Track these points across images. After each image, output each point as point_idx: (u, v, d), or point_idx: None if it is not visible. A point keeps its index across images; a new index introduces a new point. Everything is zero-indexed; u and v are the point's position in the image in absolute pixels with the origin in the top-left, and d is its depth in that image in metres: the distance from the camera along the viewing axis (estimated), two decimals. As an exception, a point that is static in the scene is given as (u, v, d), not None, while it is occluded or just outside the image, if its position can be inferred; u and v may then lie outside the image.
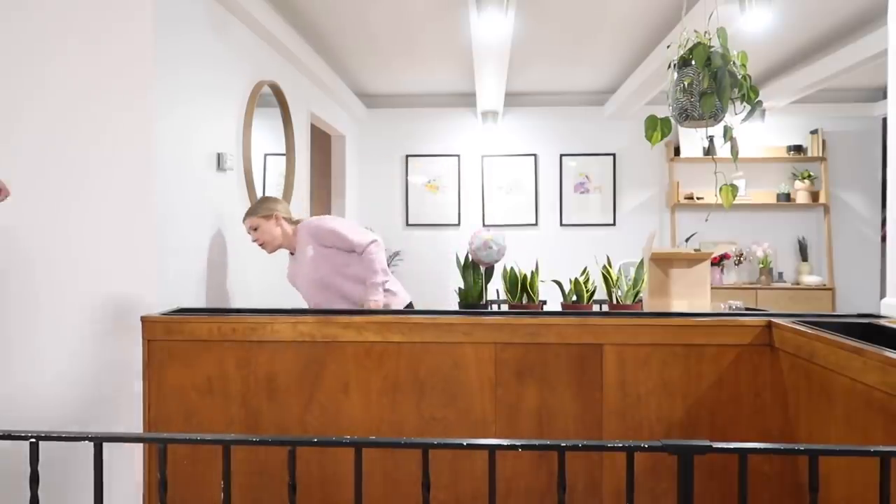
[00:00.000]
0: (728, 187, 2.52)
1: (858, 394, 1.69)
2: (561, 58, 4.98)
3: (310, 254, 2.87)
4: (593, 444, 1.17)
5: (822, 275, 6.05)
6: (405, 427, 2.32)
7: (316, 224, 2.90)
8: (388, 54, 4.83)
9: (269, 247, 2.93)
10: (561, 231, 6.28)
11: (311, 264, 2.87)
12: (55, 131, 2.48)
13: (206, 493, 2.36)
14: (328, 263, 2.87)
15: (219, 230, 3.09)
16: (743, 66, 2.46)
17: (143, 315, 2.40)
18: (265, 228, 2.89)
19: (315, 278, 2.88)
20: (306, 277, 2.90)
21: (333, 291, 2.89)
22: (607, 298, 3.18)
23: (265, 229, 2.89)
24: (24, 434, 1.19)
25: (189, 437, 1.22)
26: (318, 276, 2.87)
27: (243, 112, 3.37)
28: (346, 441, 1.18)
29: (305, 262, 2.89)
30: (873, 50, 4.11)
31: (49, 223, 2.47)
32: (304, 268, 2.90)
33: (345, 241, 2.85)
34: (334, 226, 2.87)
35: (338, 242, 2.86)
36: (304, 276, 2.91)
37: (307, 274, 2.89)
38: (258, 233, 2.90)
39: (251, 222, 2.90)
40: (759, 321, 2.27)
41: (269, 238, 2.90)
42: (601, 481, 2.29)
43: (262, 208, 2.91)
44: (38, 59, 2.48)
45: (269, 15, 3.58)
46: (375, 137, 6.37)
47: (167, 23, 2.58)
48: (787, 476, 2.19)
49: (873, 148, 6.05)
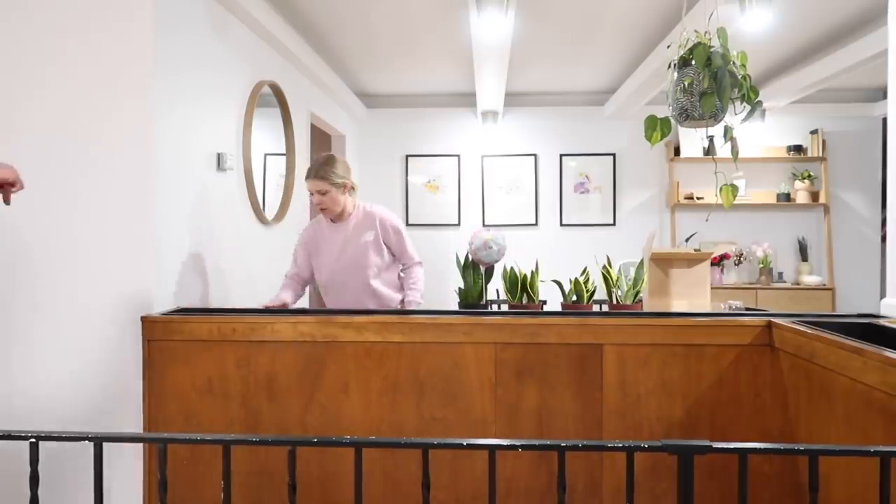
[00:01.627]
0: (728, 187, 2.52)
1: (858, 394, 1.69)
2: (561, 58, 4.98)
3: (367, 238, 2.91)
4: (593, 444, 1.17)
5: (822, 275, 6.05)
6: (405, 427, 2.32)
7: (390, 217, 2.97)
8: (389, 54, 4.83)
9: (330, 213, 2.92)
10: (561, 231, 6.27)
11: (361, 247, 2.90)
12: (55, 131, 2.47)
13: (206, 493, 2.36)
14: (378, 256, 2.92)
15: (219, 230, 3.09)
16: (743, 66, 2.46)
17: (143, 315, 2.41)
18: (334, 196, 2.86)
19: (359, 262, 2.90)
20: (347, 255, 2.91)
21: (363, 280, 2.92)
22: (607, 298, 3.18)
23: (334, 196, 2.86)
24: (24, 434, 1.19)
25: (189, 437, 1.22)
26: (363, 261, 2.90)
27: (243, 112, 3.37)
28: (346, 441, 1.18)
29: (355, 242, 2.91)
30: (873, 50, 4.11)
31: (49, 223, 2.47)
32: (350, 246, 2.91)
33: (403, 247, 2.98)
34: (402, 229, 2.99)
35: (395, 245, 2.96)
36: (343, 251, 2.92)
37: (351, 253, 2.91)
38: (325, 198, 2.85)
39: (321, 186, 2.84)
40: (759, 321, 2.27)
41: (333, 206, 2.88)
42: (601, 481, 2.30)
43: (336, 176, 2.85)
44: (38, 59, 2.48)
45: (269, 15, 3.58)
46: (375, 137, 6.37)
47: (167, 23, 2.58)
48: (787, 476, 2.19)
49: (873, 148, 6.05)
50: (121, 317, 2.42)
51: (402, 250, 2.99)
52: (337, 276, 2.95)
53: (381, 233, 2.93)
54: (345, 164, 2.94)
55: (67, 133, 2.47)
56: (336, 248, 2.95)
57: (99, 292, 2.45)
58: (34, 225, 2.47)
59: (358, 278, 2.92)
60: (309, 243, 3.02)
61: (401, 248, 2.98)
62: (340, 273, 2.93)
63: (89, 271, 2.46)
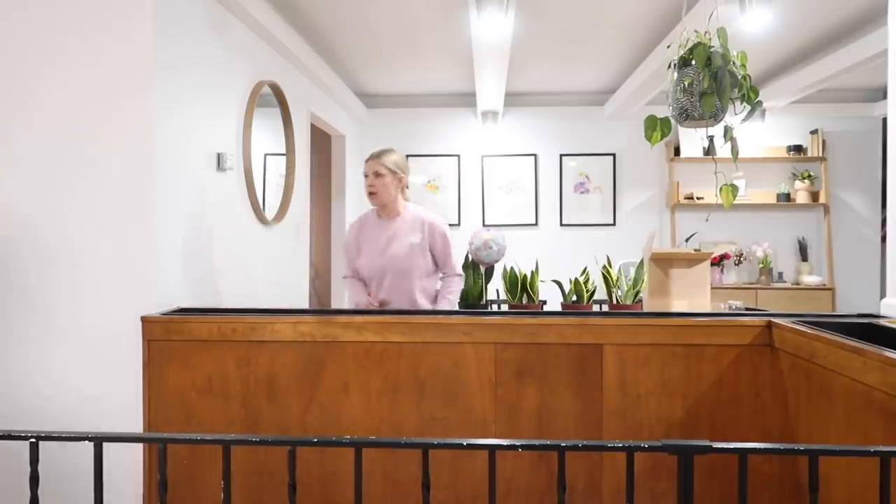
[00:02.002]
0: (728, 187, 2.52)
1: (858, 394, 1.69)
2: (561, 58, 4.98)
3: (414, 240, 2.90)
4: (593, 444, 1.17)
5: (822, 275, 6.05)
6: (405, 427, 2.32)
7: (439, 223, 2.96)
8: (389, 54, 4.83)
9: (378, 199, 2.92)
10: (561, 231, 6.27)
11: (408, 248, 2.89)
12: (55, 131, 2.48)
13: (206, 493, 2.36)
14: (423, 259, 2.91)
15: (219, 230, 3.09)
16: (743, 66, 2.46)
17: (143, 315, 2.40)
18: (387, 182, 2.88)
19: (405, 262, 2.88)
20: (390, 252, 2.89)
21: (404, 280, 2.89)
22: (607, 298, 3.18)
23: (387, 183, 2.88)
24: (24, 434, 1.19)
25: (189, 437, 1.22)
26: (409, 262, 2.88)
27: (243, 112, 3.37)
28: (346, 441, 1.18)
29: (401, 242, 2.90)
30: (873, 50, 4.11)
31: (49, 223, 2.47)
32: (395, 243, 2.90)
33: (446, 255, 2.96)
34: (449, 237, 2.98)
35: (440, 251, 2.94)
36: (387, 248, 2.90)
37: (394, 251, 2.89)
38: (379, 181, 2.87)
39: (378, 168, 2.87)
40: (759, 321, 2.27)
41: (384, 193, 2.90)
42: (601, 481, 2.30)
43: (393, 164, 2.89)
44: (38, 59, 2.48)
45: (269, 15, 3.58)
46: (375, 137, 6.36)
47: (167, 23, 2.58)
48: (787, 476, 2.19)
49: (873, 148, 6.05)
50: (121, 317, 2.42)
51: (445, 258, 2.96)
52: (376, 273, 2.91)
53: (428, 237, 2.92)
54: (405, 160, 2.99)
55: (67, 133, 2.47)
56: (380, 245, 2.93)
57: (99, 292, 2.45)
58: (34, 225, 2.48)
59: (399, 277, 2.89)
60: (356, 238, 3.01)
61: (445, 255, 2.95)
62: (380, 270, 2.90)
63: (89, 271, 2.46)
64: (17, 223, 2.48)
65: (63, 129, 2.47)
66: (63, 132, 2.47)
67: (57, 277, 2.46)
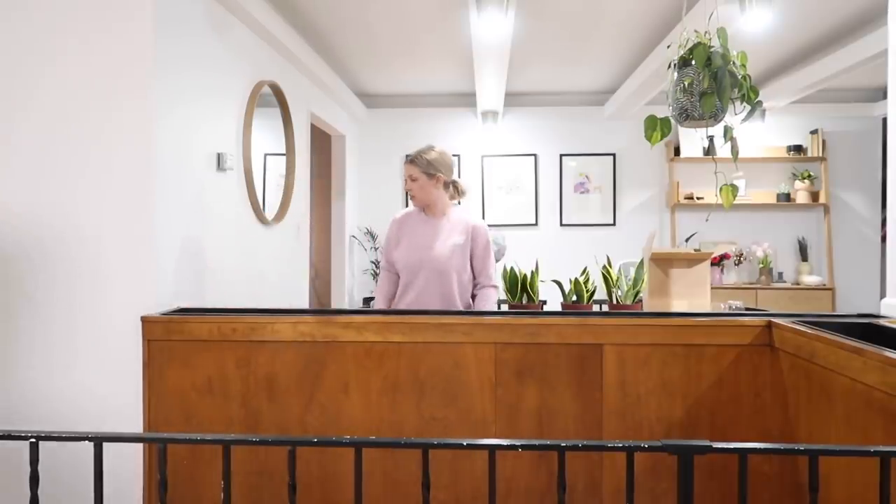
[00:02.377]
0: (728, 187, 2.52)
1: (858, 394, 1.69)
2: (561, 58, 4.98)
3: (457, 241, 2.83)
4: (593, 444, 1.17)
5: (822, 275, 6.05)
6: (405, 427, 2.32)
7: (483, 228, 2.90)
8: (389, 54, 4.83)
9: (419, 201, 2.89)
10: (561, 231, 6.28)
11: (450, 248, 2.82)
12: (55, 131, 2.48)
13: (206, 493, 2.36)
14: (463, 262, 2.84)
15: (219, 230, 3.09)
16: (743, 66, 2.46)
17: (143, 315, 2.40)
18: (423, 184, 2.84)
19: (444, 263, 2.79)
20: (430, 250, 2.82)
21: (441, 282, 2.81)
22: (607, 298, 3.18)
23: (423, 185, 2.84)
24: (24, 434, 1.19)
25: (189, 437, 1.22)
26: (448, 263, 2.80)
27: (243, 112, 3.37)
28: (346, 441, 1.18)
29: (445, 241, 2.84)
30: (873, 50, 4.11)
31: (49, 223, 2.47)
32: (439, 244, 2.83)
33: (485, 262, 2.88)
34: (491, 244, 2.92)
35: (479, 257, 2.87)
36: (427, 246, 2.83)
37: (439, 251, 2.81)
38: (414, 185, 2.84)
39: (411, 171, 2.84)
40: (759, 321, 2.27)
41: (423, 195, 2.86)
42: (601, 481, 2.30)
43: (428, 165, 2.83)
44: (37, 59, 2.48)
45: (269, 15, 3.58)
46: (375, 137, 6.37)
47: (167, 23, 2.58)
48: (787, 476, 2.19)
49: (873, 148, 6.05)
50: (121, 317, 2.42)
51: (483, 265, 2.88)
52: (412, 268, 2.84)
53: (470, 239, 2.85)
54: (444, 157, 2.88)
55: (67, 133, 2.47)
56: (421, 241, 2.85)
57: (99, 292, 2.45)
58: (34, 225, 2.47)
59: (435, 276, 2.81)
60: (397, 231, 2.94)
61: (484, 261, 2.87)
62: (416, 266, 2.82)
63: (89, 271, 2.46)
64: (17, 223, 2.48)
65: (63, 129, 2.47)
66: (63, 132, 2.47)
67: (57, 277, 2.46)
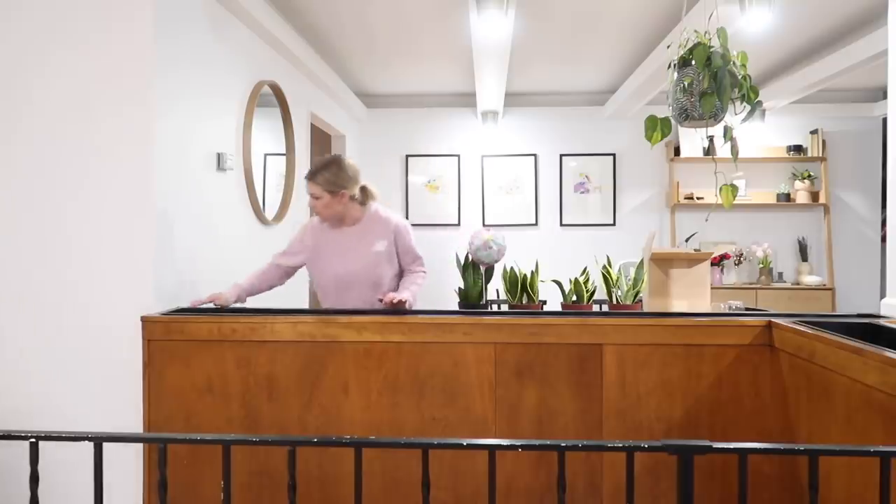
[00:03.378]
0: (728, 187, 2.52)
1: (858, 394, 1.69)
2: (561, 58, 4.98)
3: (378, 247, 2.77)
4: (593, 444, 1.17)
5: (822, 275, 6.05)
6: (405, 427, 2.32)
7: (403, 225, 2.83)
8: (389, 54, 4.83)
9: (326, 218, 2.78)
10: (561, 231, 6.27)
11: (373, 257, 2.75)
12: (55, 131, 2.48)
13: (206, 493, 2.36)
14: (390, 266, 2.79)
15: (219, 230, 3.09)
16: (743, 66, 2.46)
17: (143, 315, 2.40)
18: (327, 202, 2.70)
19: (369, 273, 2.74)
20: (354, 263, 2.75)
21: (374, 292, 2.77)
22: (607, 298, 3.17)
23: (327, 203, 2.70)
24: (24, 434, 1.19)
25: (189, 437, 1.22)
26: (377, 273, 2.75)
27: (243, 112, 3.37)
28: (346, 441, 1.18)
29: (363, 251, 2.76)
30: (873, 50, 4.11)
31: (48, 223, 2.47)
32: (357, 255, 2.75)
33: (413, 255, 2.83)
34: (411, 236, 2.85)
35: (405, 253, 2.82)
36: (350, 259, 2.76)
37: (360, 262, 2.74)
38: (318, 203, 2.71)
39: (314, 189, 2.69)
40: (759, 321, 2.27)
41: (328, 213, 2.73)
42: (601, 481, 2.29)
43: (329, 183, 2.68)
44: (38, 59, 2.48)
45: (269, 15, 3.58)
46: (375, 137, 6.37)
47: (167, 23, 2.58)
48: (787, 476, 2.19)
49: (873, 148, 6.05)
50: (121, 317, 2.42)
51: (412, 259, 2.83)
52: (341, 282, 2.79)
53: (393, 240, 2.79)
54: (347, 170, 2.73)
55: (67, 133, 2.47)
56: (340, 254, 2.78)
57: (99, 292, 2.45)
58: (34, 225, 2.48)
59: (366, 288, 2.78)
60: (310, 239, 2.83)
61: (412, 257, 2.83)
62: (345, 278, 2.78)
63: (89, 271, 2.46)
64: (17, 223, 2.48)
65: (63, 130, 2.47)
66: (63, 132, 2.47)
67: (57, 277, 2.46)
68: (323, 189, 2.68)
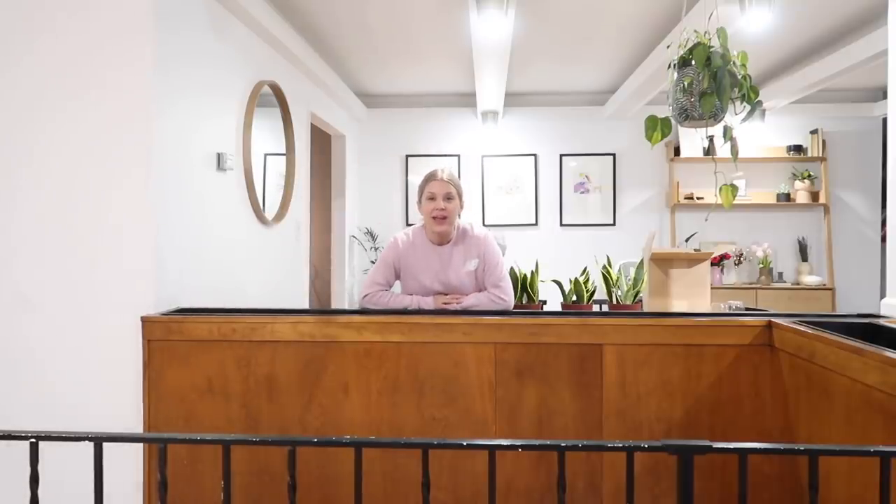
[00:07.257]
0: (728, 187, 2.52)
1: (858, 394, 1.69)
2: (561, 58, 4.98)
3: (470, 267, 2.71)
4: (593, 444, 1.16)
5: (822, 275, 6.05)
6: (405, 427, 2.32)
7: (487, 238, 2.74)
8: (388, 54, 4.83)
9: (447, 224, 2.66)
10: (561, 231, 6.27)
11: (466, 277, 2.70)
12: (54, 131, 2.48)
13: (206, 493, 2.36)
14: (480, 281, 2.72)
15: (219, 230, 3.09)
16: (743, 66, 2.46)
17: (143, 315, 2.40)
18: (456, 206, 2.66)
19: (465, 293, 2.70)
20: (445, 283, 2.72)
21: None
22: (607, 298, 3.18)
23: (454, 209, 2.65)
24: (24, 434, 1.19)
25: (189, 437, 1.21)
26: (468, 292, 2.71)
27: (243, 112, 3.37)
28: (346, 441, 1.18)
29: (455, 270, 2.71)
30: (873, 50, 4.11)
31: (48, 223, 2.47)
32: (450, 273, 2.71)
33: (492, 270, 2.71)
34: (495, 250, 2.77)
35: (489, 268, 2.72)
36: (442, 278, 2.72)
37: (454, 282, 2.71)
38: (450, 204, 2.64)
39: (449, 189, 2.64)
40: (759, 321, 2.27)
41: (451, 218, 2.66)
42: (601, 481, 2.29)
43: (461, 187, 2.69)
44: (36, 58, 2.48)
45: (269, 15, 3.58)
46: (375, 137, 6.37)
47: (167, 22, 2.58)
48: (787, 476, 2.19)
49: (873, 148, 6.05)
50: (121, 317, 2.42)
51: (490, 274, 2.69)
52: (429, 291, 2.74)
53: (483, 260, 2.71)
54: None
55: (66, 132, 2.47)
56: (432, 272, 2.71)
57: (99, 292, 2.45)
58: (33, 225, 2.47)
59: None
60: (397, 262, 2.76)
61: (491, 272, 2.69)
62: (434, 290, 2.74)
63: (89, 271, 2.46)
64: (17, 223, 2.48)
65: (62, 129, 2.47)
66: (62, 132, 2.47)
67: (56, 277, 2.46)
68: (458, 192, 2.68)
